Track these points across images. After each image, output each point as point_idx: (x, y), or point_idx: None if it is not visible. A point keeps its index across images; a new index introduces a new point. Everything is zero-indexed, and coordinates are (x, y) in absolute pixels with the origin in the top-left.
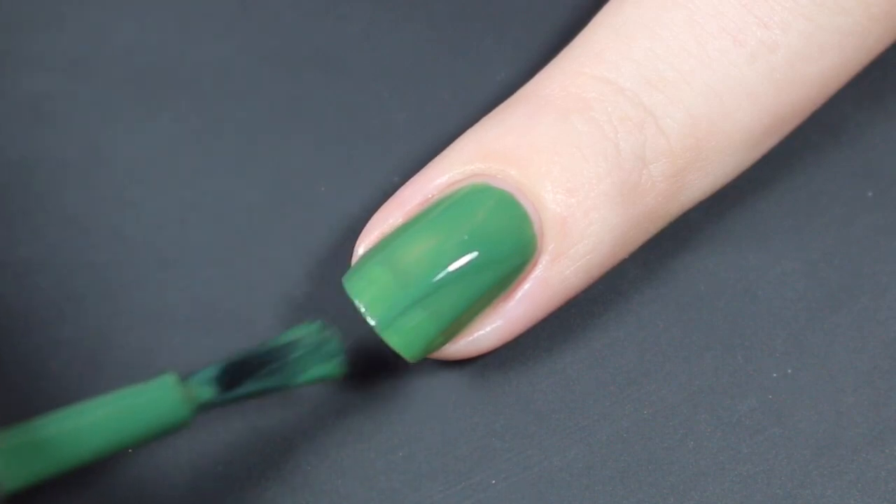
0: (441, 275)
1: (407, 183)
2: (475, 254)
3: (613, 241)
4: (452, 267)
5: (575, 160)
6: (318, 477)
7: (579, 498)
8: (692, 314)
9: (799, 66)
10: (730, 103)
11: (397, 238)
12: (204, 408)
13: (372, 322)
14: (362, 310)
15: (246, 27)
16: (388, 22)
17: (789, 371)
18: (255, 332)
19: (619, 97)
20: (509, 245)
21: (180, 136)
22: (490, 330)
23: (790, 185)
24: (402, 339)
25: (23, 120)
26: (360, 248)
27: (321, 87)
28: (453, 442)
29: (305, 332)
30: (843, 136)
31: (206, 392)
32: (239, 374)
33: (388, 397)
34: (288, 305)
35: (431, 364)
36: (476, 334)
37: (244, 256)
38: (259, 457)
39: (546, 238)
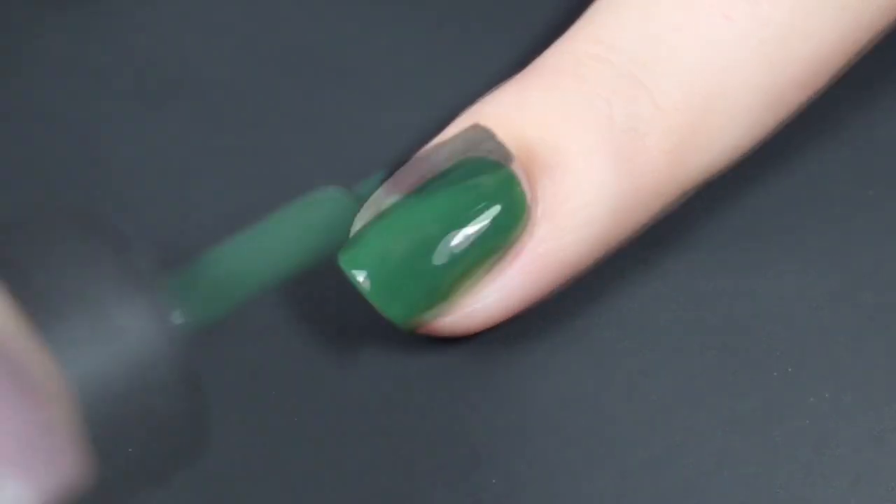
0: (429, 239)
1: (408, 162)
2: (463, 218)
3: (612, 212)
4: (440, 231)
5: (566, 129)
6: (319, 477)
7: (579, 498)
8: (692, 314)
9: (793, 42)
10: (724, 78)
11: (390, 211)
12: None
13: (363, 284)
14: (351, 276)
15: (246, 27)
16: (388, 22)
17: (789, 370)
18: (255, 332)
19: (613, 72)
20: (498, 210)
21: (180, 136)
22: (487, 301)
23: (790, 184)
24: (390, 304)
25: (23, 120)
26: (357, 224)
27: (321, 87)
28: (453, 442)
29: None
30: (842, 136)
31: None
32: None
33: (388, 396)
34: (288, 304)
35: (432, 363)
36: (473, 305)
37: None
38: (259, 456)
39: (539, 206)
